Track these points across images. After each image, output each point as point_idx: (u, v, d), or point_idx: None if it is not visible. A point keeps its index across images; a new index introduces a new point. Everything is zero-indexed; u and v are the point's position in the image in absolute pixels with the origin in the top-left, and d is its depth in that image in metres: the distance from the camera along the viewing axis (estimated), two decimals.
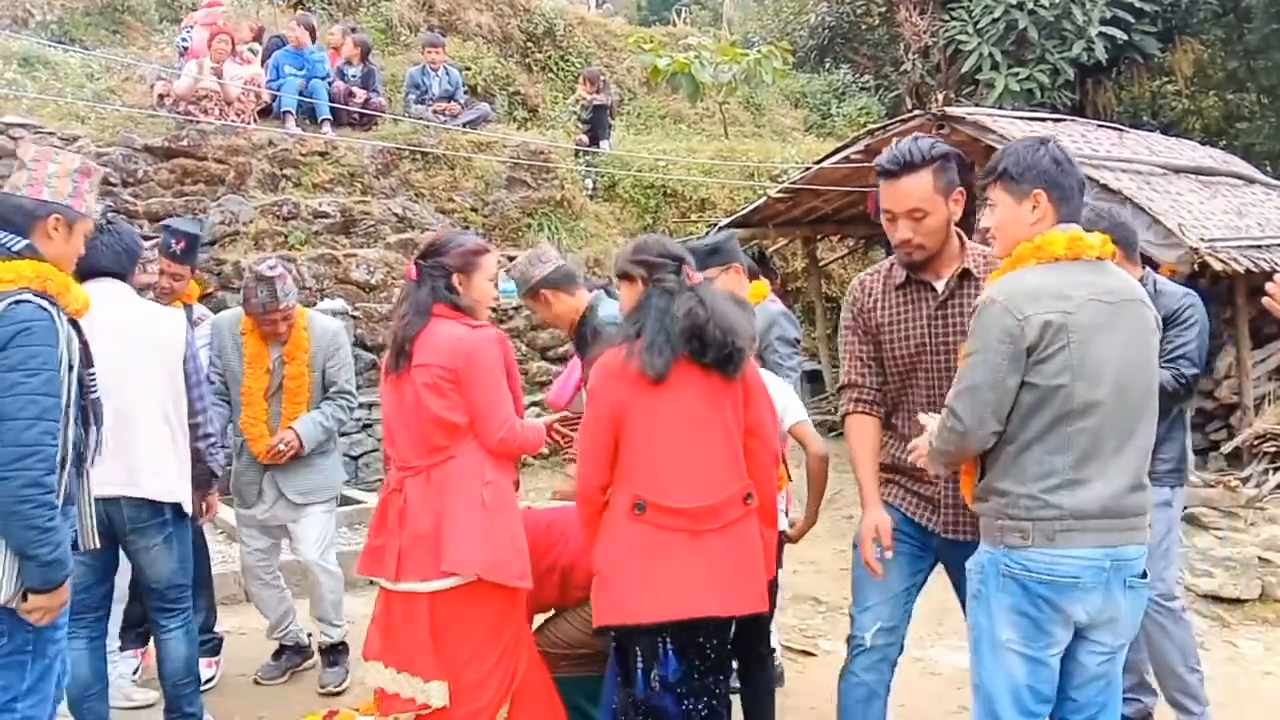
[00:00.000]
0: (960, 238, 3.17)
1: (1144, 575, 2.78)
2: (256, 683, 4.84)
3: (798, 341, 4.44)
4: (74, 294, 2.91)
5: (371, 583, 3.72)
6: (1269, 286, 2.84)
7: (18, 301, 2.73)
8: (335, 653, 4.83)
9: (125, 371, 3.65)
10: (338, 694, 4.70)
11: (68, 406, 2.83)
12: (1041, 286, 2.68)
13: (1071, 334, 2.63)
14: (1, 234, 2.85)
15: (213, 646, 4.82)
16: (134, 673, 4.69)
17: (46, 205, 2.92)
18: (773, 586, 3.44)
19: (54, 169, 2.96)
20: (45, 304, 2.78)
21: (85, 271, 3.81)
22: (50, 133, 8.97)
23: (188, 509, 3.90)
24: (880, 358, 3.27)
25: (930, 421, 2.92)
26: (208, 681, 4.65)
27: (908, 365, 3.20)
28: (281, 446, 4.53)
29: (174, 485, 3.83)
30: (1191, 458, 4.06)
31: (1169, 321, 3.69)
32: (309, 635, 5.01)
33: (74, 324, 2.92)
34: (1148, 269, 3.99)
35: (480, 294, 3.47)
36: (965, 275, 3.12)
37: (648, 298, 3.12)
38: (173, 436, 3.85)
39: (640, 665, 3.05)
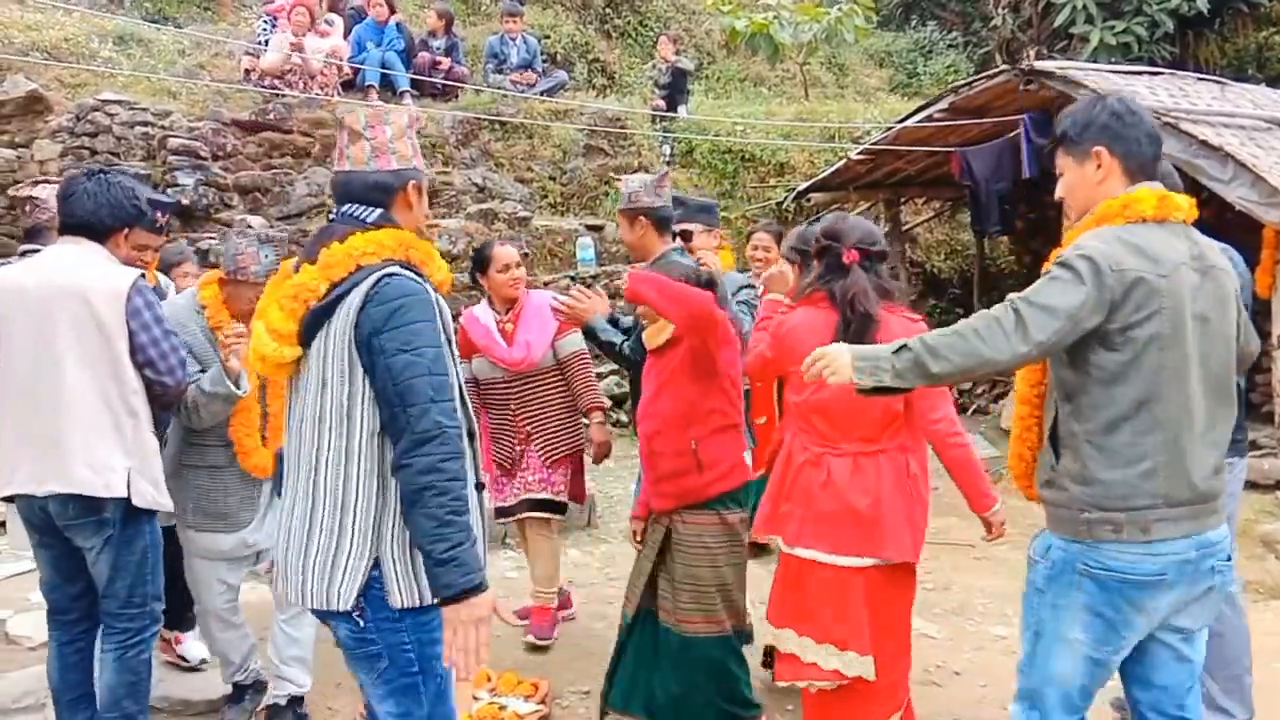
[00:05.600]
0: None
1: (1229, 558, 2.60)
2: None
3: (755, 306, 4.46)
4: (437, 263, 2.61)
5: None
6: None
7: (389, 275, 2.43)
8: (296, 704, 4.11)
9: (52, 345, 3.23)
10: None
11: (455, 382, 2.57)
12: (1134, 243, 2.46)
13: (1164, 300, 2.43)
14: (354, 207, 2.58)
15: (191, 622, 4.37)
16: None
17: (401, 174, 2.61)
18: None
19: (390, 131, 2.63)
20: (414, 275, 2.48)
21: (59, 228, 3.43)
22: (144, 108, 9.24)
23: (145, 503, 3.34)
24: None
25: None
26: (202, 661, 4.42)
27: None
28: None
29: (112, 480, 3.26)
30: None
31: None
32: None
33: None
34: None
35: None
36: None
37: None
38: (116, 423, 3.30)
39: None
